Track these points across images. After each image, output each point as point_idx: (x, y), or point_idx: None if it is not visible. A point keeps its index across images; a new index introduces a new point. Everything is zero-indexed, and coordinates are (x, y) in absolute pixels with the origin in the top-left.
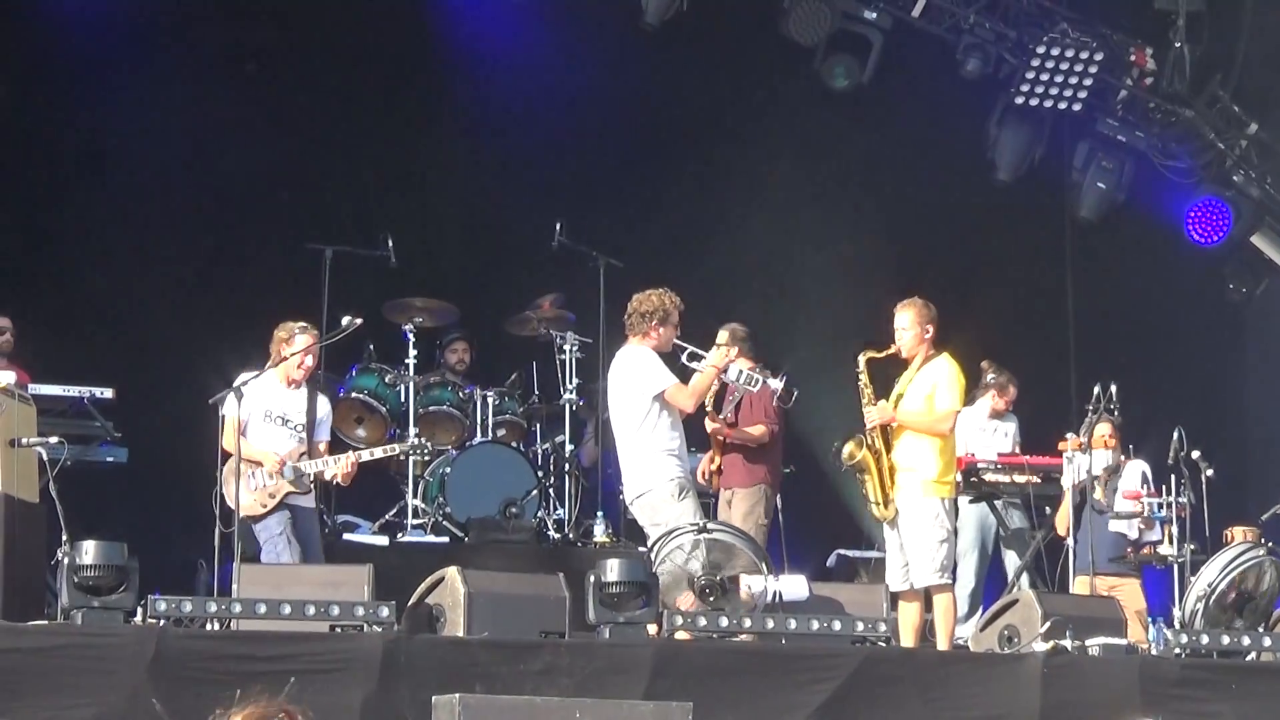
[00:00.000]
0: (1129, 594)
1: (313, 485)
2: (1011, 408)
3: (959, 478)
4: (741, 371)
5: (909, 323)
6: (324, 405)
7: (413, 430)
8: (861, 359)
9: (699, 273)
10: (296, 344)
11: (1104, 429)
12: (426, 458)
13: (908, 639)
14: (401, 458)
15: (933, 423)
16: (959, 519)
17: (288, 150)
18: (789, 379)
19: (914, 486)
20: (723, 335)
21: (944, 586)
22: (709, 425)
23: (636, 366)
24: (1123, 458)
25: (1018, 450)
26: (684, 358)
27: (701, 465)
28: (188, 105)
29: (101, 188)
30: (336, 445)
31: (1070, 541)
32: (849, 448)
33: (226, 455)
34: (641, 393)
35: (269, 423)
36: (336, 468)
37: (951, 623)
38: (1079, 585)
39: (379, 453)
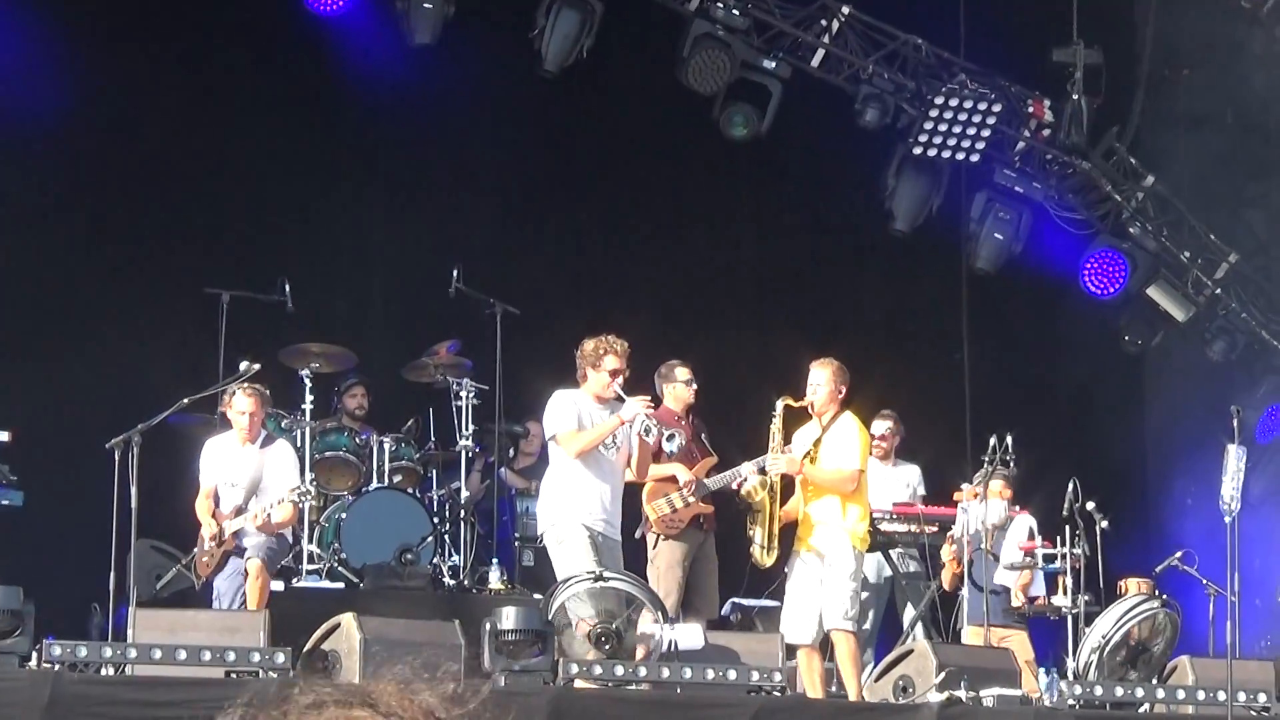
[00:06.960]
0: (1018, 644)
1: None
2: (895, 451)
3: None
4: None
5: (824, 380)
6: (273, 462)
7: (308, 476)
8: (780, 404)
9: (596, 320)
10: (234, 403)
11: (997, 484)
12: (319, 502)
13: (814, 690)
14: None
15: (837, 482)
16: None
17: (185, 193)
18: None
19: (836, 535)
20: (685, 373)
21: (851, 633)
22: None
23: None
24: (1014, 510)
25: (921, 500)
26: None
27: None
28: (85, 143)
29: None
30: None
31: (964, 592)
32: (753, 485)
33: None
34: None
35: (224, 486)
36: (243, 522)
37: (859, 670)
38: (970, 635)
39: (275, 513)
